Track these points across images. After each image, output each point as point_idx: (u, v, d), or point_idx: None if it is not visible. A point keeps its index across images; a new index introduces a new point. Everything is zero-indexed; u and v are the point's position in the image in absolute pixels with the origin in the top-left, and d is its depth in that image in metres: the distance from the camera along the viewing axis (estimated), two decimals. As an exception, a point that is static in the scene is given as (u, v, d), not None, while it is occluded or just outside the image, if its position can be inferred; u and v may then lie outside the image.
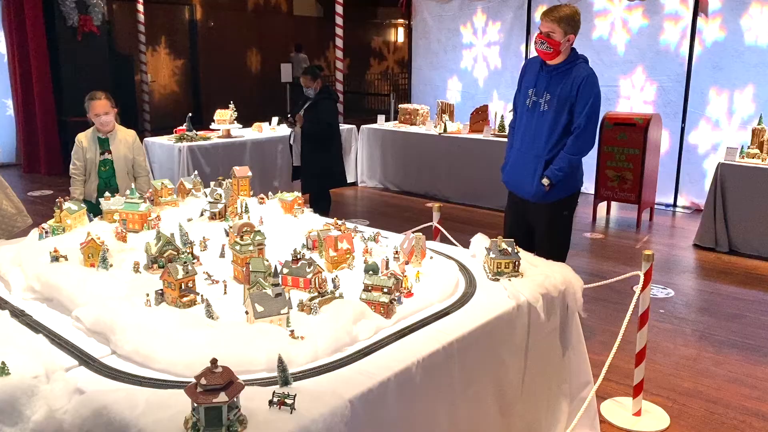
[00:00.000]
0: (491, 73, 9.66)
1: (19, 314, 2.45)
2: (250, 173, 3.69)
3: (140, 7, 10.67)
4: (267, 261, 2.64)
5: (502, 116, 8.07)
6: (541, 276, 2.86)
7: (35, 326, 2.36)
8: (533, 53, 3.79)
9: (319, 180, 6.52)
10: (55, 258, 2.74)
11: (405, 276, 2.67)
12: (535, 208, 3.79)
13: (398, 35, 18.95)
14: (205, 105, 12.33)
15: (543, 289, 2.78)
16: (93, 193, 4.54)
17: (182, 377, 2.03)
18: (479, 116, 8.15)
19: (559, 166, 3.66)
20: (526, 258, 3.00)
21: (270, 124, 8.19)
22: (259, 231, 2.86)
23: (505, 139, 7.47)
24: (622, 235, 6.98)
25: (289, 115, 6.90)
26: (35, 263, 2.74)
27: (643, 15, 8.02)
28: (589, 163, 3.81)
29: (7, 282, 2.77)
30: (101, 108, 4.44)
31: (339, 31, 9.85)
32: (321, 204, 6.36)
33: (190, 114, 7.50)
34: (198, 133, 7.32)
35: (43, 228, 3.08)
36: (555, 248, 3.71)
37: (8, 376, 1.97)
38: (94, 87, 6.52)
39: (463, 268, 2.97)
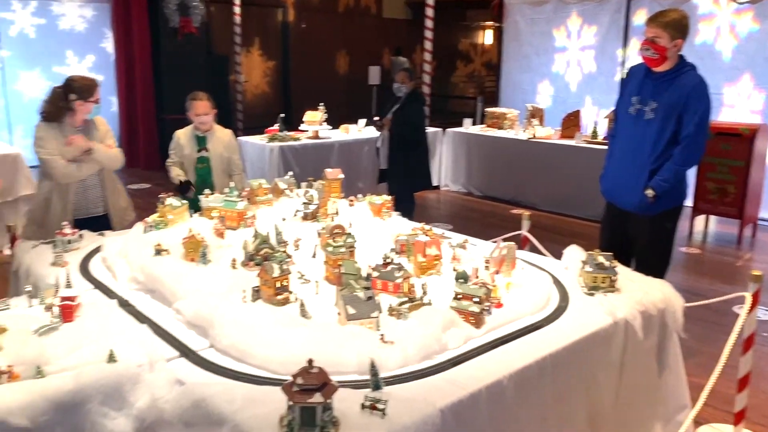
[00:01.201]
0: (585, 78, 9.38)
1: (124, 304, 2.58)
2: (341, 175, 3.74)
3: (236, 9, 11.05)
4: (356, 263, 2.66)
5: (596, 122, 7.81)
6: (639, 292, 2.74)
7: (139, 316, 2.48)
8: (631, 58, 3.64)
9: (405, 183, 6.53)
10: (158, 252, 2.87)
11: (495, 286, 2.63)
12: (636, 220, 3.63)
13: (486, 37, 18.75)
14: (294, 106, 12.62)
15: (641, 307, 2.66)
16: (190, 189, 4.72)
17: (277, 374, 2.07)
18: (571, 122, 7.93)
19: (664, 176, 3.49)
20: (624, 273, 2.89)
21: (357, 126, 8.28)
22: (350, 233, 2.89)
23: (599, 146, 7.35)
24: (721, 251, 6.61)
25: (376, 118, 6.96)
26: (139, 256, 2.88)
27: (753, 19, 7.56)
28: (687, 174, 3.61)
29: (114, 272, 2.92)
30: (202, 109, 4.61)
31: (428, 34, 9.84)
32: (405, 207, 6.35)
33: (282, 115, 7.69)
34: (288, 133, 7.49)
35: (147, 222, 3.24)
36: (655, 263, 3.54)
37: (115, 363, 2.07)
38: (192, 86, 6.79)
39: (556, 281, 2.89)
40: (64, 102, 3.79)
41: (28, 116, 9.55)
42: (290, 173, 3.85)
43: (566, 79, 9.59)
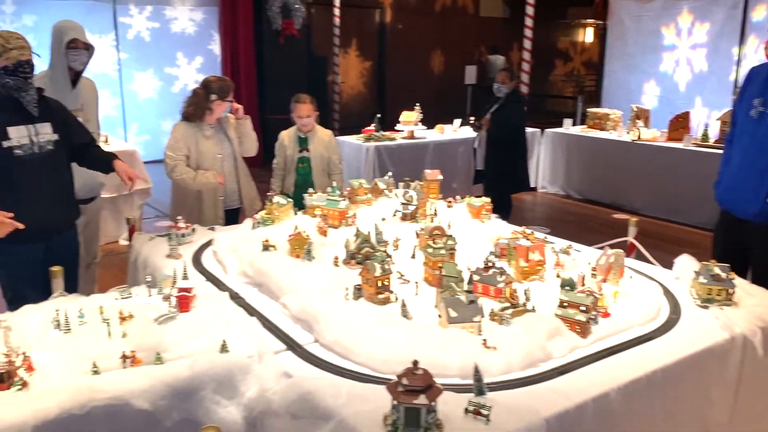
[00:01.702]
0: (695, 77, 8.90)
1: (234, 297, 2.70)
2: (440, 176, 3.74)
3: (336, 11, 11.28)
4: (457, 266, 2.65)
5: (706, 124, 7.39)
6: (759, 307, 2.58)
7: (249, 309, 2.58)
8: (748, 57, 3.40)
9: (502, 184, 6.44)
10: (266, 247, 2.98)
11: (602, 294, 2.55)
12: (754, 229, 3.41)
13: (586, 36, 18.16)
14: (389, 106, 12.74)
15: (761, 322, 2.50)
16: (291, 188, 4.87)
17: (379, 373, 2.11)
18: (679, 123, 7.54)
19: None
20: (742, 286, 2.72)
21: (452, 126, 8.25)
22: (451, 235, 2.88)
23: (709, 150, 6.95)
24: None
25: (473, 119, 6.90)
26: (248, 250, 3.00)
27: None
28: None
29: (225, 265, 3.06)
30: (305, 111, 4.74)
31: (528, 32, 9.64)
32: (501, 209, 6.27)
33: (378, 115, 7.79)
34: (384, 133, 7.57)
35: (255, 218, 3.37)
36: (776, 276, 3.31)
37: (228, 353, 2.18)
38: (294, 87, 7.00)
39: (666, 291, 2.76)
40: (205, 102, 4.04)
41: (142, 115, 10.27)
42: (389, 173, 3.89)
43: (675, 79, 9.13)
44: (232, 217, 4.27)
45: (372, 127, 7.61)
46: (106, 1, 9.57)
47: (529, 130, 8.45)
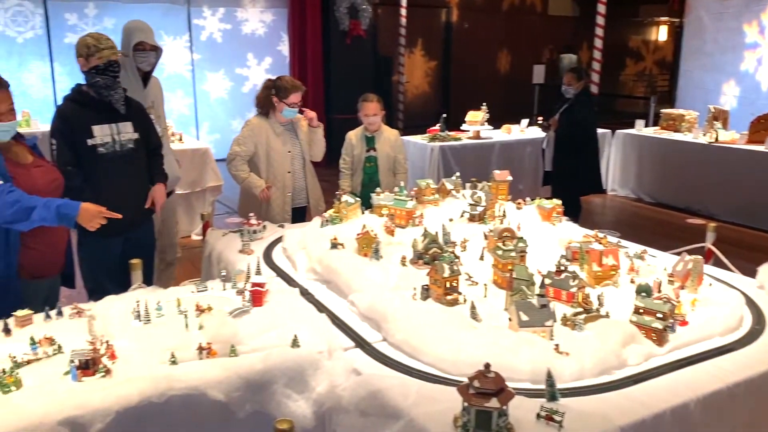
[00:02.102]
0: (778, 77, 8.48)
1: (304, 293, 2.75)
2: (510, 177, 3.69)
3: (403, 11, 11.30)
4: (528, 269, 2.61)
5: (790, 126, 7.02)
6: None
7: (318, 306, 2.62)
8: None
9: (570, 186, 6.30)
10: (334, 245, 3.02)
11: (679, 302, 2.45)
12: None
13: (660, 34, 17.55)
14: (453, 106, 12.67)
15: None
16: (358, 187, 4.91)
17: (448, 374, 2.10)
18: (761, 125, 7.18)
19: None
20: (833, 297, 2.57)
21: (519, 126, 8.13)
22: (521, 238, 2.84)
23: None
24: None
25: (541, 119, 6.78)
26: (317, 248, 3.05)
27: None
28: None
29: (294, 262, 3.11)
30: (371, 110, 4.77)
31: (599, 31, 9.41)
32: (570, 211, 6.13)
33: (444, 115, 7.75)
34: (449, 133, 7.53)
35: (324, 216, 3.42)
36: None
37: (299, 348, 2.21)
38: (359, 87, 7.05)
39: (749, 301, 2.64)
40: (268, 97, 4.15)
41: (214, 114, 10.57)
42: (457, 174, 3.86)
43: (756, 79, 8.72)
44: (300, 215, 4.35)
45: (437, 126, 7.58)
46: (181, 4, 9.90)
47: (599, 131, 8.25)
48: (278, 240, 3.46)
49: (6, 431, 1.77)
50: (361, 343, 2.35)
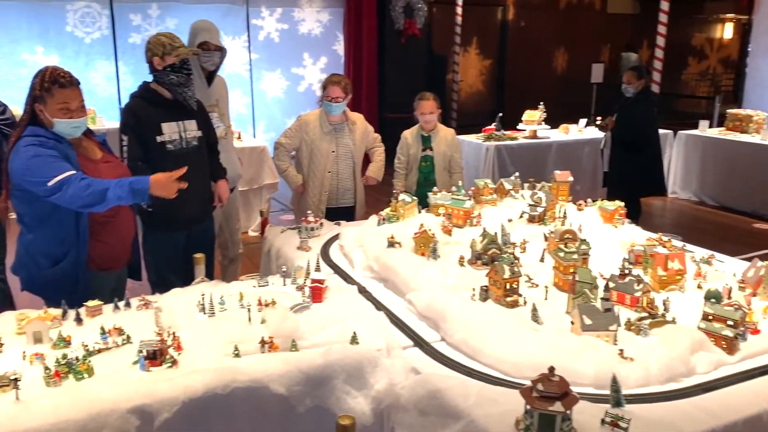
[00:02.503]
0: None
1: (362, 291, 2.76)
2: (571, 178, 3.62)
3: (458, 10, 11.23)
4: (591, 272, 2.56)
5: None
6: None
7: (376, 304, 2.63)
8: None
9: (627, 187, 6.13)
10: (391, 244, 3.02)
11: (751, 309, 2.36)
12: None
13: (725, 31, 16.92)
14: (508, 105, 12.52)
15: None
16: (412, 186, 4.90)
17: (509, 376, 2.08)
18: (835, 127, 6.86)
19: None
20: None
21: (577, 126, 7.97)
22: (584, 240, 2.79)
23: None
24: None
25: (599, 119, 6.63)
26: (374, 246, 3.06)
27: None
28: None
29: (351, 260, 3.13)
30: (428, 108, 4.76)
31: (661, 29, 9.11)
32: (629, 214, 5.98)
33: (500, 114, 7.68)
34: (505, 132, 7.45)
35: (381, 215, 3.43)
36: None
37: (358, 345, 2.23)
38: (413, 86, 7.05)
39: (827, 310, 2.51)
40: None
41: (270, 113, 10.74)
42: (516, 174, 3.81)
43: (831, 77, 8.32)
44: (347, 214, 4.33)
45: (492, 126, 7.51)
46: (240, 5, 10.09)
47: (661, 131, 8.02)
48: (335, 238, 3.49)
49: (79, 416, 1.84)
50: (419, 342, 2.35)
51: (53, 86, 2.69)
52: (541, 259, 2.94)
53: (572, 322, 2.28)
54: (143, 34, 9.51)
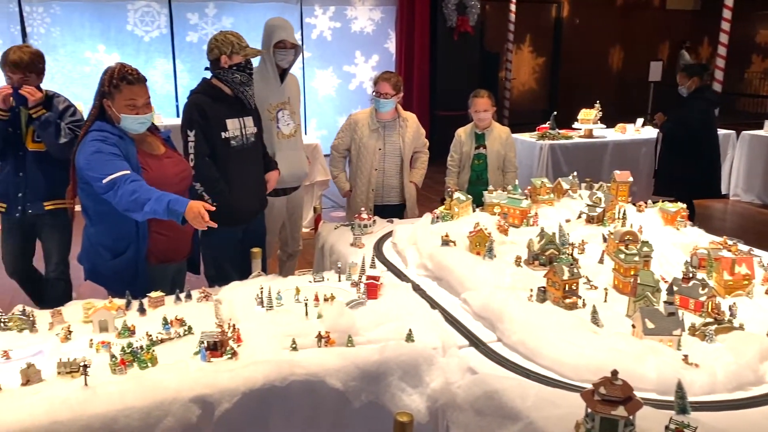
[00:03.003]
0: None
1: (416, 288, 2.76)
2: (630, 179, 3.54)
3: (512, 7, 11.10)
4: (654, 274, 2.49)
5: None
6: None
7: (431, 302, 2.62)
8: None
9: (677, 188, 5.96)
10: (445, 242, 3.01)
11: (825, 317, 2.26)
12: None
13: (792, 28, 16.22)
14: (561, 103, 12.32)
15: None
16: (464, 185, 4.86)
17: (568, 378, 2.04)
18: None
19: None
20: None
21: (634, 126, 7.77)
22: (646, 242, 2.72)
23: None
24: None
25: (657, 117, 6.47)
26: (428, 244, 3.05)
27: None
28: None
29: (405, 257, 3.13)
30: (482, 105, 4.71)
31: (725, 25, 8.80)
32: (681, 215, 5.84)
33: (554, 113, 7.55)
34: (559, 131, 7.32)
35: (435, 213, 3.41)
36: None
37: (413, 343, 2.22)
38: (465, 84, 7.00)
39: None
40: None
41: (322, 111, 10.84)
42: (574, 173, 3.74)
43: None
44: (394, 211, 4.28)
45: (546, 124, 7.39)
46: (294, 3, 10.21)
47: (722, 132, 7.75)
48: (387, 235, 3.50)
49: (144, 404, 1.90)
50: (475, 342, 2.33)
51: (121, 83, 2.77)
52: (600, 261, 2.88)
53: (633, 326, 2.23)
54: (200, 32, 9.73)
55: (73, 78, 9.13)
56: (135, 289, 2.64)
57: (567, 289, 2.45)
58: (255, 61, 3.48)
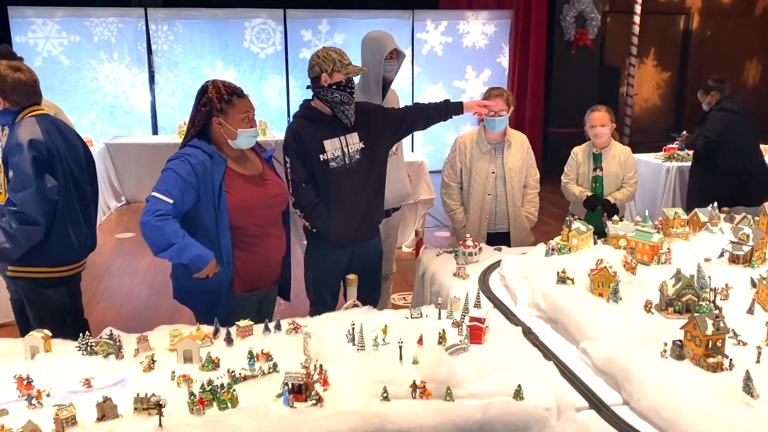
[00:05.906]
0: None
1: (527, 332, 2.44)
2: (786, 212, 3.03)
3: (636, 19, 10.41)
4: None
5: None
6: None
7: (545, 351, 2.29)
8: None
9: (696, 198, 5.55)
10: (562, 279, 2.66)
11: None
12: None
13: None
14: (687, 121, 11.40)
15: None
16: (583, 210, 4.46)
17: (716, 464, 1.66)
18: None
19: None
20: None
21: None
22: (812, 292, 2.25)
23: None
24: None
25: None
26: (542, 280, 2.72)
27: None
28: None
29: (514, 293, 2.81)
30: (599, 120, 4.31)
31: None
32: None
33: (684, 132, 6.92)
34: (689, 152, 6.67)
35: (550, 244, 3.07)
36: None
37: (522, 401, 1.92)
38: (582, 100, 6.52)
39: None
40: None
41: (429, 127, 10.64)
42: (714, 204, 3.26)
43: None
44: (502, 239, 3.94)
45: (674, 144, 6.77)
46: (407, 18, 10.12)
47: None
48: (495, 265, 3.19)
49: (219, 450, 1.72)
50: (596, 404, 1.98)
51: (232, 97, 2.69)
52: (750, 311, 2.43)
53: (802, 401, 1.80)
54: (312, 48, 9.85)
55: (192, 93, 9.49)
56: (219, 313, 2.52)
57: (710, 346, 2.05)
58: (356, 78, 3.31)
